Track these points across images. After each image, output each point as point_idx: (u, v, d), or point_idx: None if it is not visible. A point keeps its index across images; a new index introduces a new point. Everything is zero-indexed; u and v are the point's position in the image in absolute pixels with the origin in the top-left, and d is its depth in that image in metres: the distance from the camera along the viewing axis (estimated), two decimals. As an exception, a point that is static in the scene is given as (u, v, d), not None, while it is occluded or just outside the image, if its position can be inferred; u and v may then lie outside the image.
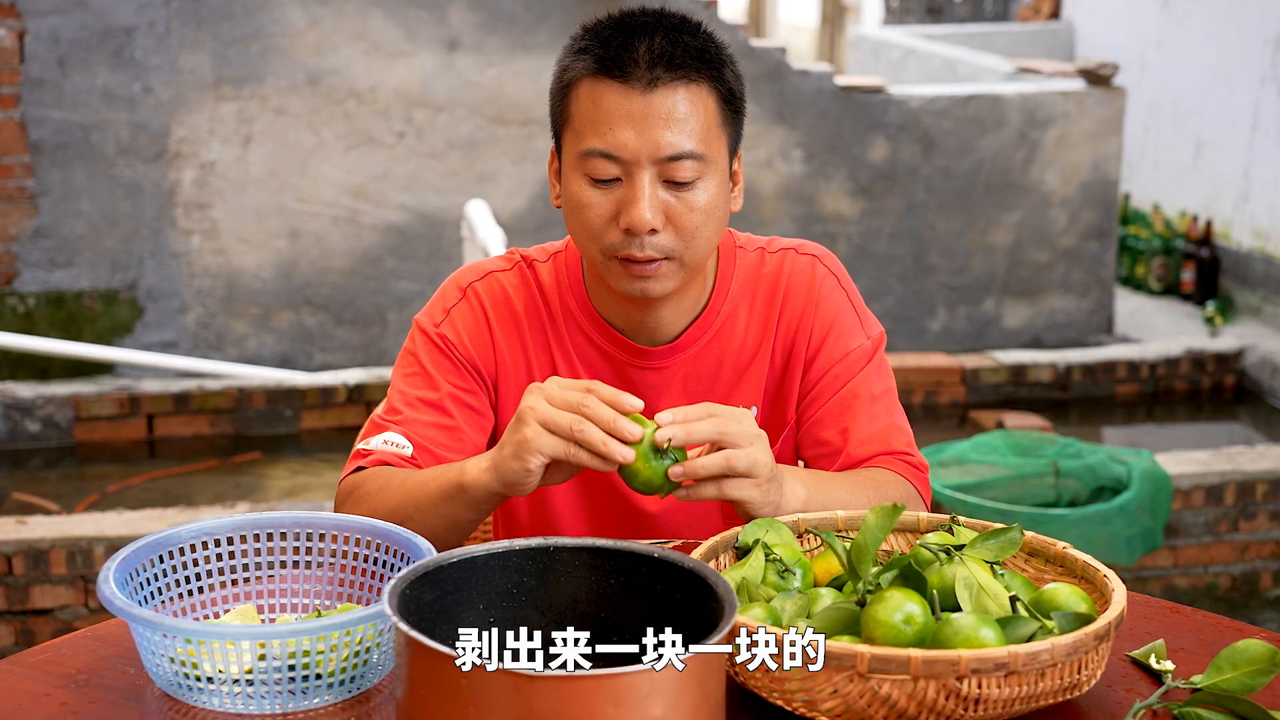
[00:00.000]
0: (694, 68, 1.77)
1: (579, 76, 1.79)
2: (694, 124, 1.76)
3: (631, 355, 1.92)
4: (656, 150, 1.75)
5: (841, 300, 1.95)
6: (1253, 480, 4.32)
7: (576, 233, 1.83)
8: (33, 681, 1.47)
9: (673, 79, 1.75)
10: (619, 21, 1.80)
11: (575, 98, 1.79)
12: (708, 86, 1.78)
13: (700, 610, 1.33)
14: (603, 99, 1.76)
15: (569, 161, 1.81)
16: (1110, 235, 6.41)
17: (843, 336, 1.93)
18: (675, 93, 1.76)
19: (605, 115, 1.76)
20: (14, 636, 3.81)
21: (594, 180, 1.78)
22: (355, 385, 5.23)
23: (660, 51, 1.75)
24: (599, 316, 1.92)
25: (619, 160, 1.76)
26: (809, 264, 1.95)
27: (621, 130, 1.75)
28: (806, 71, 6.05)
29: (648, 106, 1.75)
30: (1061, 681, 1.37)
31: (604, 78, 1.76)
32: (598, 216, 1.78)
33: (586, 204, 1.79)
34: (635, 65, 1.75)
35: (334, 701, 1.45)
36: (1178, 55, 7.55)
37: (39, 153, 5.53)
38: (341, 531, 1.62)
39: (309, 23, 5.64)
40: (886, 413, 1.93)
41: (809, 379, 1.93)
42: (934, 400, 5.53)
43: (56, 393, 5.13)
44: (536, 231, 5.88)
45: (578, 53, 1.80)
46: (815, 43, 12.10)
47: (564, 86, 1.81)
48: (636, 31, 1.77)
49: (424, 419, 1.87)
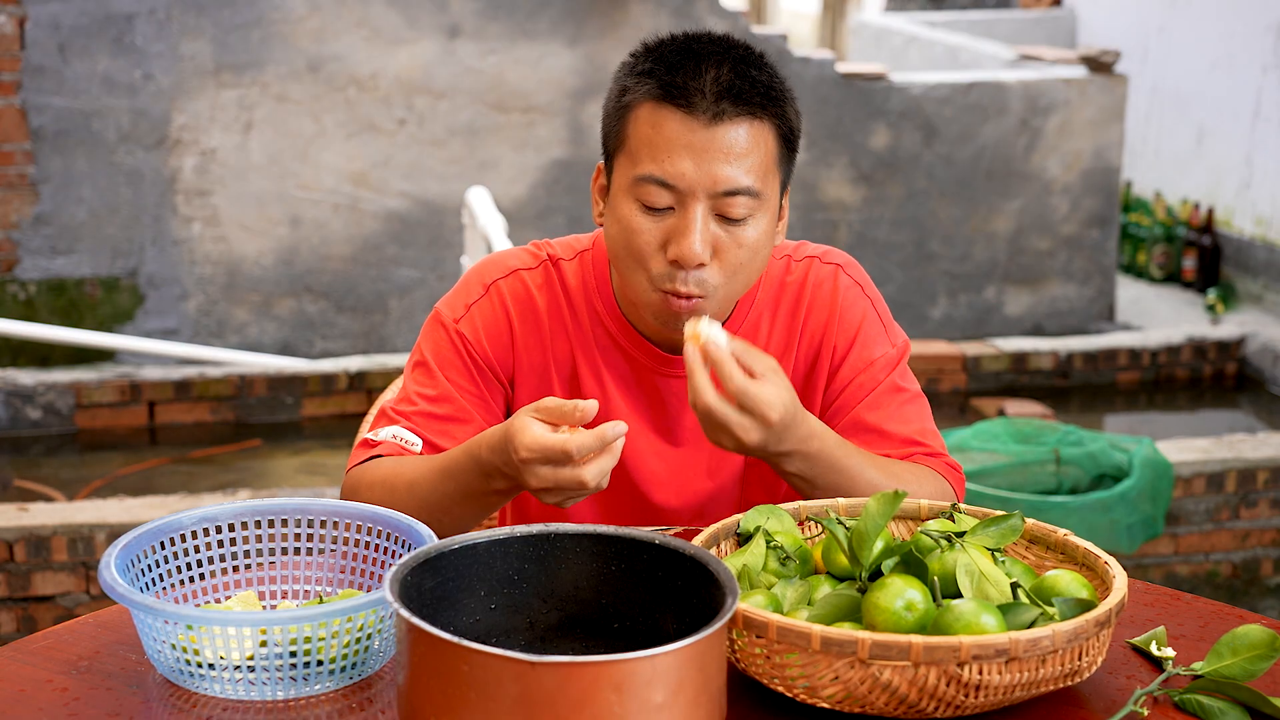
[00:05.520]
0: (759, 104, 1.73)
1: (640, 100, 1.75)
2: (753, 160, 1.73)
3: (657, 362, 1.90)
4: (714, 184, 1.72)
5: (866, 309, 1.92)
6: (1254, 468, 4.32)
7: (622, 258, 1.78)
8: (34, 668, 1.48)
9: (738, 113, 1.72)
10: (684, 46, 1.76)
11: (634, 120, 1.75)
12: (770, 124, 1.75)
13: (701, 597, 1.33)
14: (664, 125, 1.72)
15: (621, 184, 1.77)
16: (1112, 223, 6.40)
17: (867, 345, 1.91)
18: (739, 128, 1.72)
19: (665, 142, 1.72)
20: (16, 623, 3.82)
21: (646, 207, 1.74)
22: (356, 373, 5.23)
23: (727, 84, 1.72)
24: (625, 321, 1.89)
25: (674, 190, 1.72)
26: (833, 273, 1.92)
27: (680, 160, 1.71)
28: (808, 58, 6.04)
29: (710, 139, 1.71)
30: (1062, 668, 1.37)
31: (667, 104, 1.72)
32: (646, 244, 1.75)
33: (636, 230, 1.75)
34: (701, 96, 1.71)
35: (335, 688, 1.45)
36: (1180, 42, 7.53)
37: (40, 140, 5.52)
38: (342, 518, 1.62)
39: (310, 9, 5.63)
40: (917, 416, 1.90)
41: (834, 387, 1.91)
42: (935, 388, 5.53)
43: (58, 380, 5.13)
44: (537, 219, 5.88)
45: (640, 75, 1.76)
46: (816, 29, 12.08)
47: (622, 108, 1.77)
48: (704, 60, 1.73)
49: (435, 413, 1.86)
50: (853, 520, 1.53)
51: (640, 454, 1.91)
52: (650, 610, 1.39)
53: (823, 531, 1.61)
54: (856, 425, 1.89)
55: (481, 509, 1.73)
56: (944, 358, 5.58)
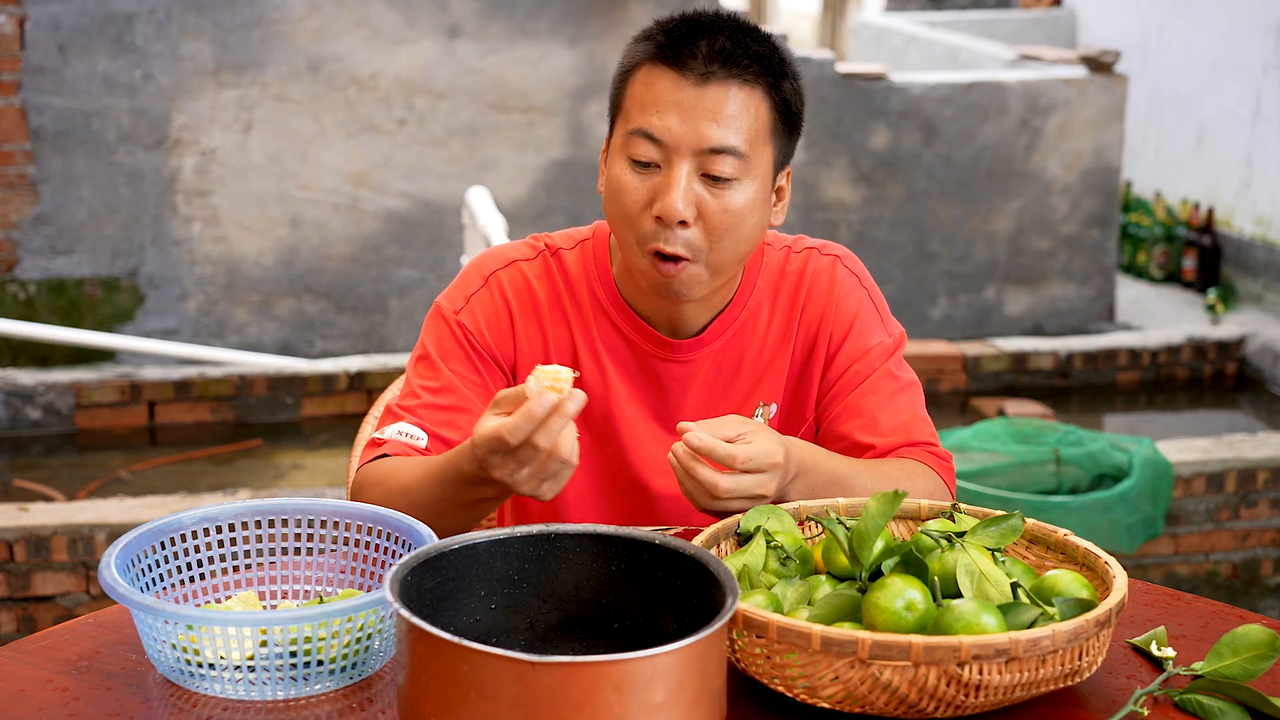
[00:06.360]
0: (752, 71, 1.78)
1: (638, 62, 1.81)
2: (741, 123, 1.77)
3: (657, 346, 1.92)
4: (699, 140, 1.76)
5: (862, 299, 1.95)
6: (1254, 468, 4.32)
7: (613, 217, 1.83)
8: (34, 668, 1.48)
9: (727, 76, 1.77)
10: (690, 17, 1.82)
11: (631, 82, 1.82)
12: (762, 92, 1.79)
13: (702, 597, 1.33)
14: (655, 83, 1.78)
15: (616, 143, 1.83)
16: (1112, 223, 6.40)
17: (863, 334, 1.93)
18: (728, 89, 1.77)
19: (654, 99, 1.77)
20: (16, 623, 3.82)
21: (634, 163, 1.79)
22: (356, 373, 5.23)
23: (720, 49, 1.77)
24: (627, 306, 1.92)
25: (660, 144, 1.77)
26: (831, 264, 1.96)
27: (667, 115, 1.76)
28: (808, 58, 6.04)
29: (698, 97, 1.76)
30: (1062, 668, 1.37)
31: (660, 64, 1.78)
32: (633, 202, 1.79)
33: (624, 187, 1.79)
34: (693, 57, 1.77)
35: (335, 688, 1.45)
36: (1180, 42, 7.53)
37: (40, 140, 5.52)
38: (343, 518, 1.62)
39: (310, 9, 5.63)
40: (910, 405, 1.93)
41: (829, 376, 1.94)
42: (935, 388, 5.53)
43: (58, 380, 5.13)
44: (537, 219, 5.88)
45: (642, 41, 1.82)
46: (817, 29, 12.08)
47: (624, 72, 1.84)
48: (704, 28, 1.79)
49: (440, 404, 1.87)
50: (853, 520, 1.53)
51: (640, 440, 1.93)
52: (650, 610, 1.39)
53: (823, 531, 1.61)
54: (850, 411, 1.91)
55: (475, 513, 1.74)
56: (944, 358, 5.58)
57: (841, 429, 1.91)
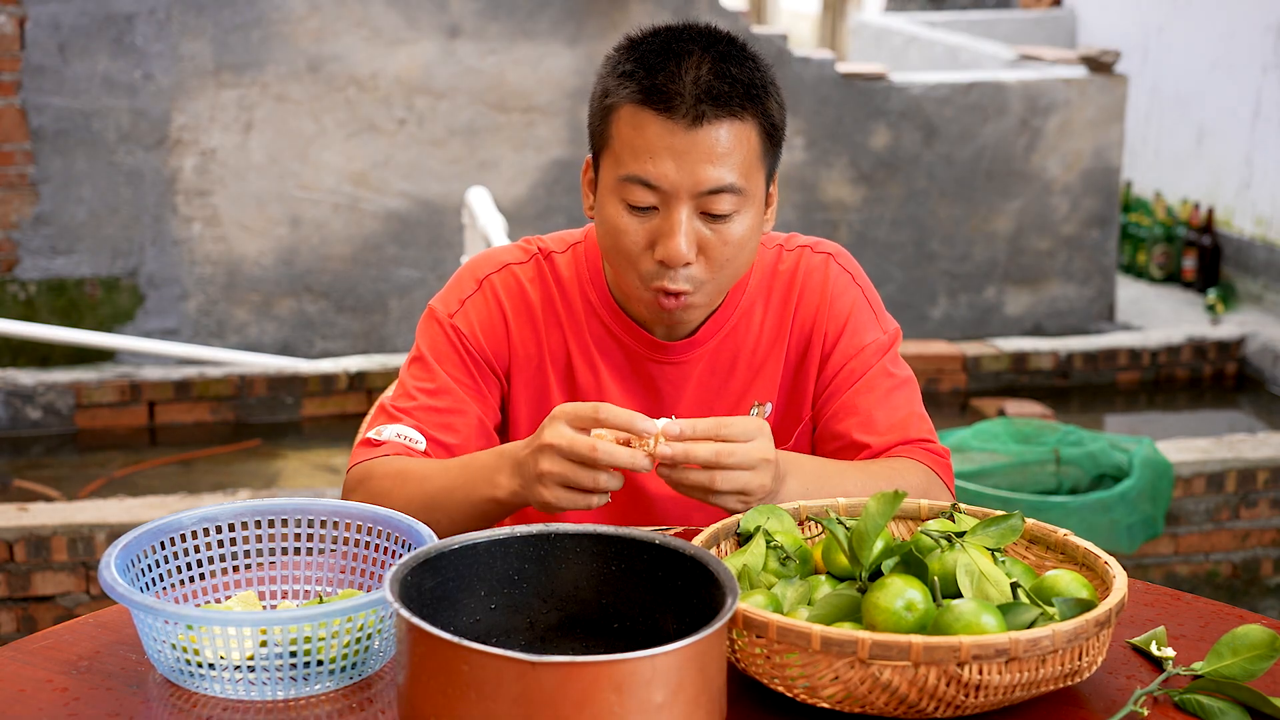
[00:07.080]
0: (740, 104, 1.74)
1: (622, 102, 1.76)
2: (736, 159, 1.75)
3: (650, 348, 1.92)
4: (696, 184, 1.74)
5: (856, 296, 1.95)
6: (1254, 468, 4.32)
7: (612, 256, 1.81)
8: (34, 668, 1.47)
9: (718, 115, 1.73)
10: (664, 44, 1.76)
11: (617, 121, 1.77)
12: (753, 121, 1.76)
13: (701, 597, 1.33)
14: (645, 128, 1.74)
15: (607, 184, 1.80)
16: (1112, 223, 6.40)
17: (858, 332, 1.93)
18: (719, 128, 1.74)
19: (646, 145, 1.74)
20: (15, 623, 3.82)
21: (631, 207, 1.77)
22: (356, 373, 5.23)
23: (707, 86, 1.73)
24: (619, 308, 1.92)
25: (658, 190, 1.75)
26: (824, 262, 1.95)
27: (662, 162, 1.73)
28: (808, 59, 6.04)
29: (691, 142, 1.73)
30: (1062, 668, 1.37)
31: (648, 108, 1.74)
32: (633, 244, 1.77)
33: (622, 230, 1.78)
34: (680, 99, 1.72)
35: (335, 688, 1.45)
36: (1180, 42, 7.53)
37: (40, 140, 5.52)
38: (342, 518, 1.62)
39: (310, 9, 5.63)
40: (906, 402, 1.92)
41: (825, 374, 1.93)
42: (935, 388, 5.53)
43: (58, 380, 5.13)
44: (537, 219, 5.88)
45: (621, 75, 1.77)
46: (817, 29, 12.08)
47: (605, 109, 1.79)
48: (684, 59, 1.74)
49: (435, 406, 1.87)
50: (853, 520, 1.53)
51: None
52: (650, 610, 1.39)
53: (823, 531, 1.61)
54: (846, 410, 1.91)
55: (480, 517, 1.74)
56: (944, 358, 5.58)
57: (838, 427, 1.91)
